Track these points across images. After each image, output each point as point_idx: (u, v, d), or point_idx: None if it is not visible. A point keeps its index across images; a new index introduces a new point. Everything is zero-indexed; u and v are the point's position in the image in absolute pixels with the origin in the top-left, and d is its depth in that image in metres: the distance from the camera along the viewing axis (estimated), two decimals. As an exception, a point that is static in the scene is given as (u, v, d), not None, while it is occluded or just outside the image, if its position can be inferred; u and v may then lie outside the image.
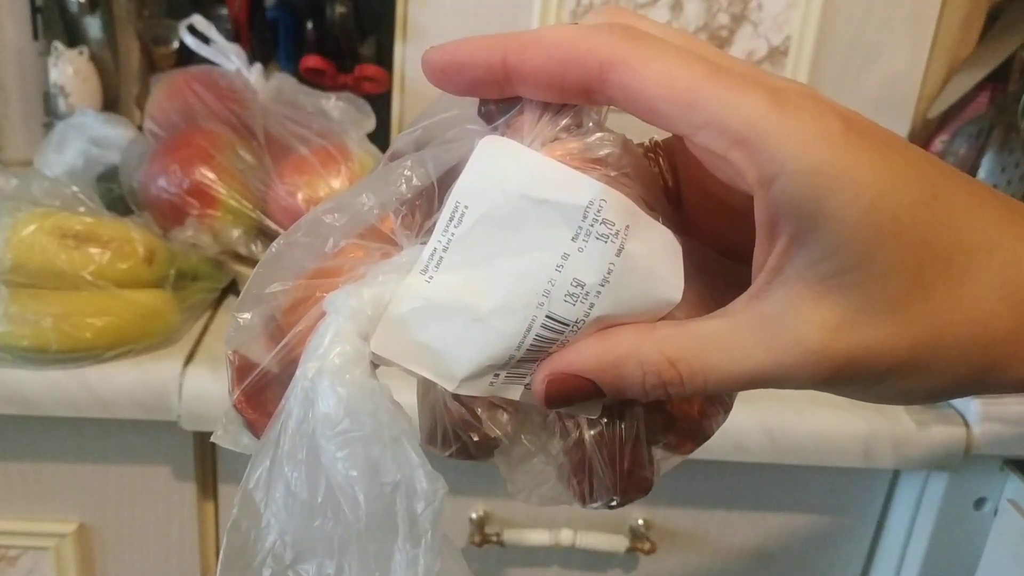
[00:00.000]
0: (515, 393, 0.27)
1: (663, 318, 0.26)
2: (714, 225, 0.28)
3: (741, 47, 0.93)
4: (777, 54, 0.93)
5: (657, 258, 0.26)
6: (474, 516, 0.72)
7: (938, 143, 0.97)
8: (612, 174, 0.25)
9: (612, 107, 0.25)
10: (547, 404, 0.26)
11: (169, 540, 0.72)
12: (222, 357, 0.27)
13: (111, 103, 0.91)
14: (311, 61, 0.89)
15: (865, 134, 0.23)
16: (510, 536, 0.72)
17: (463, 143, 0.26)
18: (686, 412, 0.29)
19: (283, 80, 0.84)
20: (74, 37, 0.89)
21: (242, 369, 0.26)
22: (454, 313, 0.25)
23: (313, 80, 0.89)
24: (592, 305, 0.25)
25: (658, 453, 0.29)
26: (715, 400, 0.29)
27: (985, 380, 0.24)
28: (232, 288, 0.77)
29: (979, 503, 0.72)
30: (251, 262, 0.75)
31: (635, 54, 0.23)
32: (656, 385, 0.25)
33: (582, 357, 0.25)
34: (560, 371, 0.25)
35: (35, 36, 0.89)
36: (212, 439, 0.27)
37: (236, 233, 0.74)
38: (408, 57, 0.91)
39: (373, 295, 0.25)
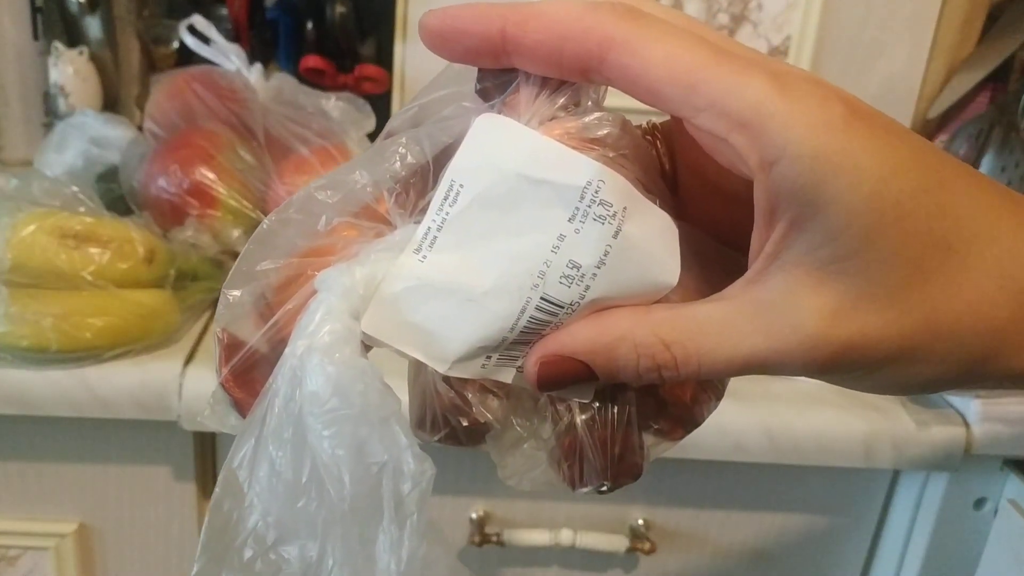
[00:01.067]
0: (507, 376, 0.26)
1: (658, 302, 0.26)
2: (709, 211, 0.28)
3: (741, 47, 0.93)
4: (777, 54, 0.93)
5: (654, 241, 0.25)
6: (474, 516, 0.72)
7: (938, 143, 0.97)
8: (610, 155, 0.25)
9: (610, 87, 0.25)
10: (539, 387, 0.26)
11: (169, 540, 0.72)
12: (222, 358, 0.27)
13: (111, 103, 0.91)
14: (311, 61, 0.89)
15: (868, 120, 0.22)
16: (510, 536, 0.72)
17: (459, 121, 0.25)
18: (678, 397, 0.29)
19: (283, 80, 0.84)
20: (74, 37, 0.89)
21: (230, 347, 0.26)
22: (447, 293, 0.25)
23: (313, 80, 0.89)
24: (588, 287, 0.25)
25: (649, 439, 0.29)
26: (707, 386, 0.29)
27: (982, 371, 0.24)
28: (232, 288, 0.77)
29: (979, 503, 0.72)
30: (251, 262, 0.75)
31: (637, 34, 0.23)
32: (650, 368, 0.24)
33: (576, 339, 0.25)
34: (553, 353, 0.25)
35: (35, 36, 0.89)
36: (199, 419, 0.27)
37: (236, 233, 0.74)
38: (408, 57, 0.91)
39: (365, 274, 0.25)
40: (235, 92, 0.80)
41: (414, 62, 0.91)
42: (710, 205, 0.28)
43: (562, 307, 0.25)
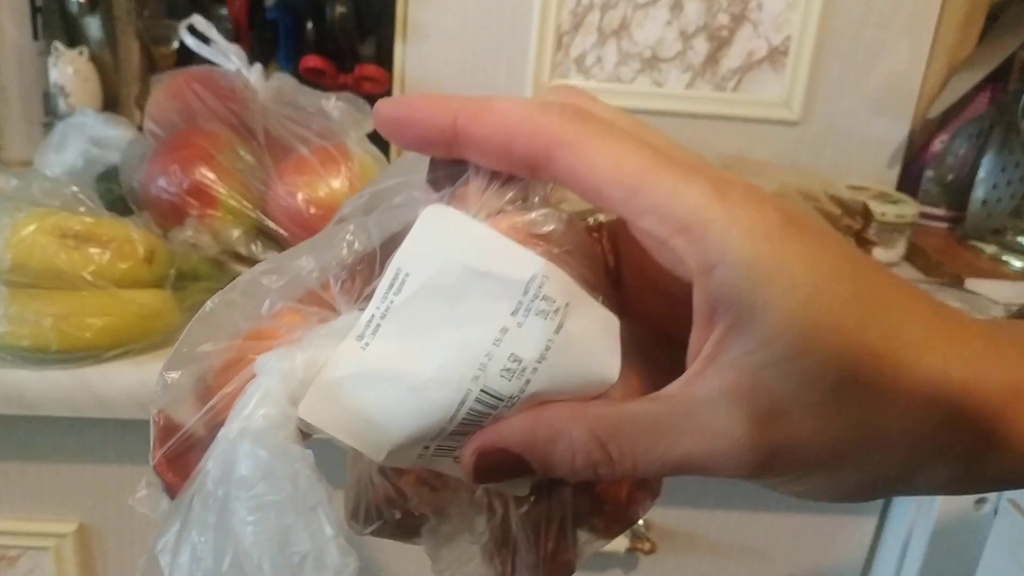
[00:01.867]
0: (443, 466, 0.26)
1: (598, 397, 0.26)
2: (652, 309, 0.28)
3: (741, 47, 0.93)
4: (777, 54, 0.93)
5: (595, 337, 0.25)
6: (474, 516, 0.72)
7: (938, 143, 0.97)
8: (555, 251, 0.25)
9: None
10: (475, 478, 0.26)
11: (169, 540, 0.72)
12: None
13: (111, 103, 0.91)
14: (311, 61, 0.89)
15: (802, 228, 0.23)
16: (510, 536, 0.72)
17: (408, 209, 0.25)
18: (614, 495, 0.29)
19: (283, 80, 0.84)
20: (74, 37, 0.89)
21: (166, 430, 0.25)
22: (388, 382, 0.24)
23: (313, 80, 0.89)
24: (528, 381, 0.24)
25: (583, 535, 0.29)
26: (644, 484, 0.29)
27: (911, 479, 0.24)
28: (232, 288, 0.77)
29: (979, 503, 0.72)
30: (251, 262, 0.75)
31: (583, 137, 0.23)
32: (586, 465, 0.25)
33: (513, 431, 0.25)
34: (490, 444, 0.25)
35: (35, 36, 0.89)
36: (130, 503, 0.26)
37: (236, 233, 0.74)
38: (408, 57, 0.91)
39: (306, 359, 0.24)
40: (235, 92, 0.80)
41: (414, 62, 0.91)
42: (653, 302, 0.28)
43: (502, 400, 0.25)
